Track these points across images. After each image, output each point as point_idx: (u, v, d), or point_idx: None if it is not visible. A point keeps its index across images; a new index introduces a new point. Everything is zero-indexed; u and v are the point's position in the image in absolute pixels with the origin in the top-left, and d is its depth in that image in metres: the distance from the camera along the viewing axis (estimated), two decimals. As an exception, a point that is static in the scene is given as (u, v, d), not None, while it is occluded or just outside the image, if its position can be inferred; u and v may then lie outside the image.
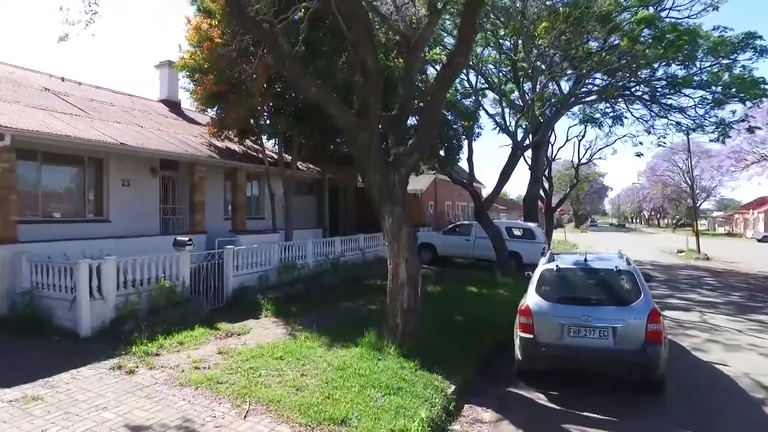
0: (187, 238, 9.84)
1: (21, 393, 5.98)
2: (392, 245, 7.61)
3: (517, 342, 7.05)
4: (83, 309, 8.09)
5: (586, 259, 7.54)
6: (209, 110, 15.05)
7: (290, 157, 15.99)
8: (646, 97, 19.12)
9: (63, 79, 15.91)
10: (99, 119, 12.93)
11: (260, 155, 16.30)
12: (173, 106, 19.18)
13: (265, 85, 13.57)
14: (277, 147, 16.30)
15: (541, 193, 26.44)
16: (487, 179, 64.40)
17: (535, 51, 15.87)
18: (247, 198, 17.60)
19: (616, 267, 7.09)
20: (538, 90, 17.89)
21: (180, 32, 12.84)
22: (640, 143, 28.24)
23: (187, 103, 18.48)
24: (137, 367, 6.87)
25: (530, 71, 17.12)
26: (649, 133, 21.49)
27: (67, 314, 8.27)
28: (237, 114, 13.01)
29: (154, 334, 8.03)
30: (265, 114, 15.12)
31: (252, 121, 14.50)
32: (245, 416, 5.47)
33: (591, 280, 7.18)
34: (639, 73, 16.91)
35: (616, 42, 14.83)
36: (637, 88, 18.76)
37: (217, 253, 10.94)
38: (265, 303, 10.58)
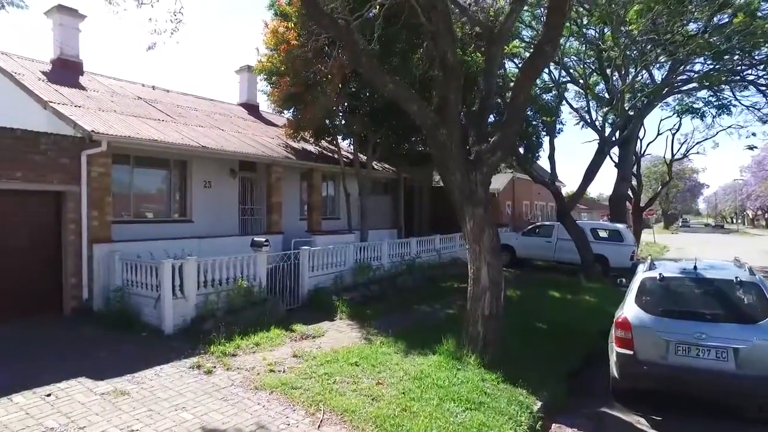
0: (264, 239, 9.92)
1: (111, 387, 6.18)
2: (473, 248, 7.13)
3: (612, 357, 6.33)
4: (167, 307, 8.32)
5: (696, 267, 6.63)
6: (286, 112, 15.27)
7: (365, 157, 15.86)
8: (762, 81, 16.85)
9: (153, 88, 16.82)
10: (183, 124, 13.46)
11: (335, 155, 16.34)
12: (252, 109, 19.75)
13: (340, 85, 13.52)
14: (352, 147, 16.26)
15: (629, 192, 24.55)
16: (566, 177, 61.50)
17: (625, 39, 14.57)
18: (322, 198, 17.74)
19: (736, 277, 6.14)
20: (628, 81, 16.50)
21: (258, 37, 13.21)
22: (753, 134, 25.43)
23: (265, 105, 18.95)
24: (215, 367, 6.91)
25: (619, 60, 15.79)
26: (764, 122, 19.07)
27: (153, 312, 8.55)
28: (312, 114, 13.05)
29: (232, 334, 8.10)
30: (341, 114, 15.09)
31: (327, 121, 14.52)
32: (319, 426, 5.26)
33: (704, 292, 6.28)
34: (755, 53, 14.92)
35: (726, 20, 13.20)
36: (750, 71, 16.64)
37: (293, 253, 10.97)
38: (340, 305, 10.46)
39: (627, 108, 16.93)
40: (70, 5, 14.49)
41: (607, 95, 19.36)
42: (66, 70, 14.08)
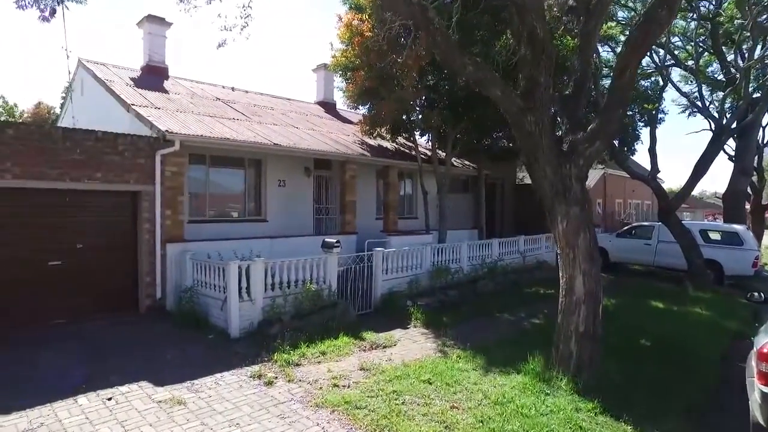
0: (334, 240, 9.41)
1: (169, 394, 5.91)
2: (566, 253, 6.09)
3: (755, 397, 5.02)
4: (233, 310, 8.04)
5: None
6: (360, 108, 14.75)
7: (444, 153, 15.00)
8: None
9: (233, 89, 17.07)
10: (258, 122, 13.39)
11: (413, 152, 15.62)
12: (328, 107, 19.56)
13: (416, 78, 12.79)
14: (430, 143, 15.44)
15: (748, 188, 21.50)
16: (663, 173, 56.21)
17: (756, 6, 12.47)
18: (399, 197, 17.11)
19: None
20: (755, 57, 14.23)
21: (333, 33, 12.90)
22: None
23: (342, 104, 18.65)
24: (276, 377, 6.44)
25: (745, 32, 13.56)
26: None
27: (220, 314, 8.32)
28: (388, 109, 12.41)
29: (297, 340, 7.64)
30: (418, 109, 14.33)
31: (404, 116, 13.81)
32: (383, 459, 4.55)
33: None
34: None
35: None
36: None
37: (366, 255, 10.38)
38: (414, 311, 9.72)
39: (751, 90, 14.61)
40: (156, 14, 15.03)
41: (722, 77, 16.95)
42: (152, 76, 14.60)
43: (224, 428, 5.10)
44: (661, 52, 16.78)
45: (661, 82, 17.52)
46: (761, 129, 21.43)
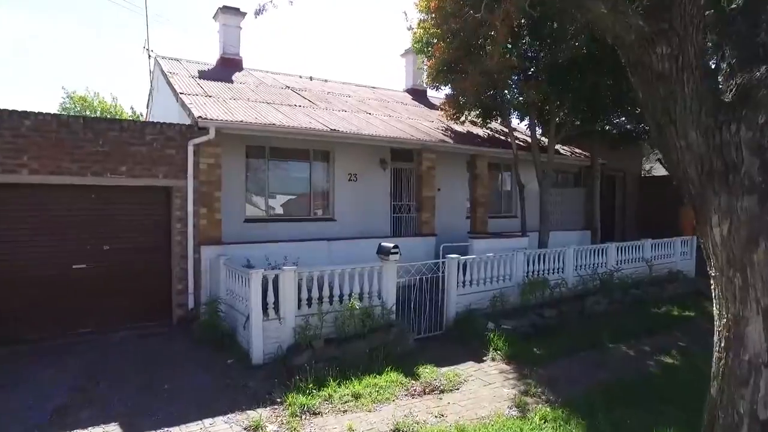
0: (391, 245, 7.47)
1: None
2: (728, 277, 3.55)
3: None
4: (255, 331, 6.47)
5: None
6: (443, 88, 12.56)
7: (545, 139, 12.36)
8: None
9: (311, 78, 15.87)
10: (324, 109, 11.90)
11: (507, 138, 13.12)
12: (418, 94, 17.61)
13: (508, 43, 10.38)
14: (529, 128, 12.82)
15: None
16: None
17: None
18: (494, 192, 14.73)
19: None
20: None
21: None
22: None
23: (434, 89, 16.61)
24: (274, 436, 4.69)
25: None
26: None
27: (244, 333, 6.81)
28: (472, 84, 10.13)
29: (327, 375, 5.86)
30: (511, 83, 11.80)
31: (493, 93, 11.39)
32: None
33: None
34: None
35: None
36: None
37: (438, 264, 8.30)
38: (494, 337, 7.45)
39: None
40: (230, 4, 14.30)
41: None
42: (226, 68, 13.87)
43: None
44: None
45: None
46: None
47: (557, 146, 14.48)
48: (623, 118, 12.53)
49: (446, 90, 12.58)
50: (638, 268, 11.69)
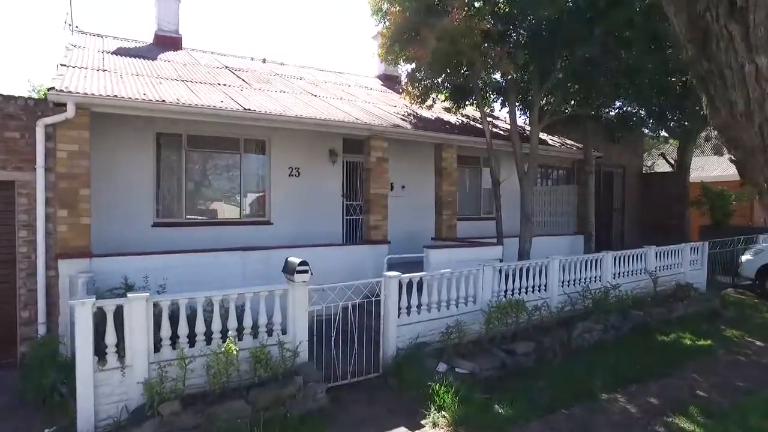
0: (298, 261, 5.40)
1: None
2: None
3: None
4: (81, 387, 4.41)
5: None
6: (401, 63, 10.44)
7: (528, 126, 10.30)
8: None
9: (264, 61, 13.83)
10: (258, 89, 9.85)
11: (480, 124, 11.03)
12: (390, 80, 15.53)
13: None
14: (509, 114, 10.73)
15: None
16: None
17: None
18: (471, 190, 12.69)
19: None
20: None
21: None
22: None
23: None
24: None
25: None
26: None
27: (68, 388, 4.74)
28: (430, 51, 8.05)
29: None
30: (484, 56, 9.69)
31: (461, 67, 9.31)
32: None
33: None
34: None
35: None
36: None
37: (374, 283, 6.23)
38: (442, 388, 5.34)
39: None
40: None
41: None
42: (159, 46, 12.02)
43: None
44: None
45: None
46: None
47: (544, 136, 12.47)
48: (624, 99, 10.43)
49: (408, 67, 10.52)
50: (640, 281, 9.63)
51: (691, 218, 15.43)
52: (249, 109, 7.56)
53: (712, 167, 19.56)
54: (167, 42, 12.39)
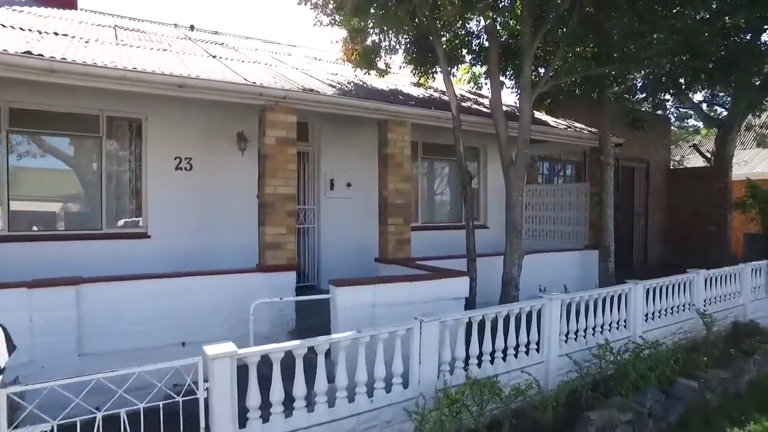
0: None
1: None
2: None
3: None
4: None
5: None
6: (338, 18, 7.33)
7: (518, 93, 7.19)
8: None
9: (192, 28, 10.92)
10: (130, 46, 6.90)
11: (464, 102, 7.91)
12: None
13: None
14: (489, 85, 7.52)
15: None
16: None
17: None
18: (450, 187, 9.69)
19: None
20: None
21: None
22: None
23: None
24: None
25: None
26: None
27: None
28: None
29: None
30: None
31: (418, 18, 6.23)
32: None
33: None
34: None
35: None
36: None
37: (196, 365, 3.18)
38: None
39: None
40: None
41: None
42: (44, 5, 9.10)
43: None
44: None
45: None
46: None
47: (544, 116, 9.40)
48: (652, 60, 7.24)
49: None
50: (683, 322, 6.54)
51: (734, 224, 12.27)
52: (54, 58, 4.54)
53: (757, 162, 16.17)
54: (57, 2, 9.56)
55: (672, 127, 13.35)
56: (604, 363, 4.99)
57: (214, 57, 7.29)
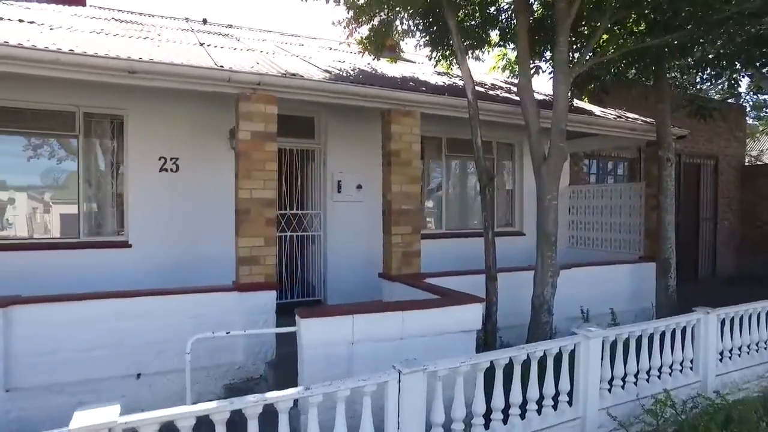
0: None
1: None
2: None
3: None
4: None
5: None
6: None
7: (551, 89, 5.96)
8: None
9: (205, 21, 10.30)
10: (128, 36, 6.24)
11: (491, 90, 6.75)
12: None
13: None
14: (518, 61, 6.25)
15: None
16: None
17: None
18: (466, 193, 8.55)
19: None
20: None
21: None
22: None
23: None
24: None
25: None
26: None
27: None
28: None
29: None
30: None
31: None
32: None
33: None
34: None
35: None
36: None
37: None
38: None
39: None
40: None
41: None
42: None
43: None
44: None
45: None
46: None
47: (586, 105, 8.16)
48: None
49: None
50: (769, 360, 5.11)
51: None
52: (21, 45, 3.83)
53: None
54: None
55: (747, 118, 11.54)
56: (662, 422, 3.75)
57: (201, 45, 6.50)
